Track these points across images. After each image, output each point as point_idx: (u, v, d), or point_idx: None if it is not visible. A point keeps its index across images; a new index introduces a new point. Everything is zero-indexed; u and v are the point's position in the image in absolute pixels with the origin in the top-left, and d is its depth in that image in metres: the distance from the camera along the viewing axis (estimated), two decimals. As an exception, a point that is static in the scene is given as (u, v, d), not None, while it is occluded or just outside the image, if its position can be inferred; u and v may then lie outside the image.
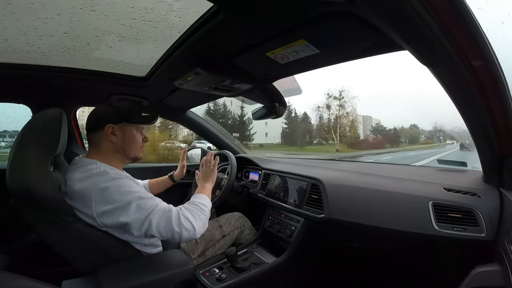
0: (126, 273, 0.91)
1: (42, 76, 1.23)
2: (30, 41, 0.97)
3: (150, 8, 0.78)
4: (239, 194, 1.74)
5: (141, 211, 0.89)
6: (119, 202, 0.88)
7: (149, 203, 0.91)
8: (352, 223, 1.16)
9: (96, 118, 1.00)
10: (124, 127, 1.01)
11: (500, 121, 0.78)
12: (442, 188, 1.08)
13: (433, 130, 39.17)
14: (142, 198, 0.90)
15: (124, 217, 0.88)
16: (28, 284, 0.69)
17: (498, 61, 0.64)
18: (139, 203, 0.89)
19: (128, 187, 0.91)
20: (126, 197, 0.89)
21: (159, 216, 0.89)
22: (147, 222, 0.88)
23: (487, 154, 0.95)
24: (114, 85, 1.39)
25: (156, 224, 0.89)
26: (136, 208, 0.88)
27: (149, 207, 0.90)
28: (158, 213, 0.90)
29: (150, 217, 0.89)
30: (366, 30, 0.70)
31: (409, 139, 36.65)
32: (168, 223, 0.90)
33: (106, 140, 0.99)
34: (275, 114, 1.44)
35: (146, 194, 0.93)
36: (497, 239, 0.87)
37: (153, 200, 0.93)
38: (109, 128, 0.98)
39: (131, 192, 0.90)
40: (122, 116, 1.01)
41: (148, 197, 0.92)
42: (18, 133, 0.98)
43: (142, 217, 0.88)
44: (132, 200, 0.89)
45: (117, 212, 0.88)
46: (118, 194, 0.88)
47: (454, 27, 0.56)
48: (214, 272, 1.23)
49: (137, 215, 0.88)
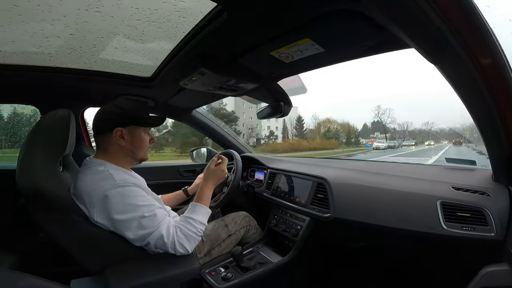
0: (133, 273, 0.92)
1: (49, 77, 1.24)
2: (37, 42, 0.98)
3: (154, 8, 0.78)
4: (245, 193, 1.74)
5: (142, 230, 0.94)
6: (120, 214, 0.91)
7: (151, 223, 0.95)
8: (358, 223, 1.15)
9: (103, 120, 1.01)
10: (132, 130, 1.02)
11: (509, 118, 0.76)
12: (450, 187, 1.06)
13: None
14: (144, 217, 0.93)
15: (126, 232, 0.93)
16: (37, 283, 0.70)
17: (507, 58, 0.63)
18: (141, 221, 0.93)
19: (133, 199, 0.93)
20: (129, 213, 0.92)
21: (156, 240, 0.96)
22: (146, 240, 0.95)
23: (497, 152, 0.93)
24: (120, 86, 1.40)
25: (154, 245, 0.97)
26: (138, 226, 0.93)
27: (150, 228, 0.95)
28: (156, 237, 0.95)
29: (149, 239, 0.95)
30: (371, 28, 0.69)
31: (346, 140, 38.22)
32: (164, 247, 0.97)
33: (114, 144, 1.00)
34: (280, 113, 1.43)
35: (149, 209, 0.95)
36: (507, 239, 0.85)
37: (156, 218, 0.96)
38: (118, 132, 0.99)
39: (135, 207, 0.92)
40: (130, 118, 1.01)
41: (151, 215, 0.95)
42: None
43: (143, 235, 0.94)
44: (135, 218, 0.92)
45: (117, 224, 0.92)
46: (121, 206, 0.91)
47: (461, 25, 0.55)
48: (220, 271, 1.24)
49: (138, 232, 0.93)
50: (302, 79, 1.38)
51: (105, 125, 1.00)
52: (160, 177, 1.98)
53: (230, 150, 1.74)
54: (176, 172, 2.08)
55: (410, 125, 45.18)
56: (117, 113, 1.00)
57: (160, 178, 1.97)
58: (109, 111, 1.01)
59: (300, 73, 1.19)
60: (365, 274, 1.47)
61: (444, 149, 18.16)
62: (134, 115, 1.02)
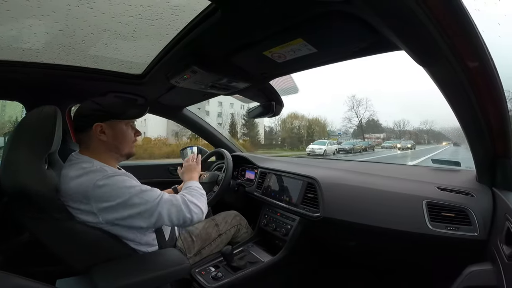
0: (121, 272, 0.90)
1: (36, 74, 1.21)
2: (25, 38, 0.95)
3: (147, 5, 0.77)
4: (235, 192, 1.74)
5: (147, 203, 0.90)
6: (120, 197, 0.88)
7: (153, 195, 0.92)
8: (347, 222, 1.17)
9: (83, 117, 0.98)
10: (113, 124, 1.00)
11: (494, 121, 0.79)
12: (436, 188, 1.09)
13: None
14: (143, 191, 0.92)
15: (130, 211, 0.89)
16: (22, 283, 0.69)
17: (494, 62, 0.65)
18: (142, 195, 0.90)
19: (128, 182, 0.91)
20: (127, 192, 0.89)
21: (168, 207, 0.93)
22: (156, 213, 0.91)
23: (481, 154, 0.97)
24: (110, 83, 1.38)
25: (167, 215, 0.92)
26: (141, 201, 0.90)
27: (155, 199, 0.92)
28: (166, 204, 0.93)
29: (159, 209, 0.91)
30: (363, 30, 0.71)
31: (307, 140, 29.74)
32: (179, 212, 0.94)
33: (96, 139, 0.98)
34: (271, 112, 1.44)
35: (145, 186, 0.94)
36: (490, 238, 0.88)
37: (154, 191, 0.94)
38: (98, 127, 0.97)
39: (131, 187, 0.91)
40: (110, 113, 0.99)
41: (149, 189, 0.94)
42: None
43: (150, 209, 0.91)
44: (134, 194, 0.90)
45: (120, 207, 0.88)
46: (118, 190, 0.89)
47: (451, 28, 0.57)
48: (210, 271, 1.23)
49: (143, 207, 0.90)
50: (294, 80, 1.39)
51: (84, 122, 0.98)
52: (150, 176, 1.95)
53: (221, 149, 1.74)
54: (166, 170, 2.07)
55: (407, 123, 37.38)
56: (95, 108, 0.98)
57: (150, 176, 1.95)
58: (87, 108, 0.99)
59: (293, 73, 1.19)
60: (355, 273, 1.49)
61: (424, 156, 15.31)
62: (112, 109, 1.00)
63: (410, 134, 36.33)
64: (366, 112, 35.66)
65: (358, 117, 35.69)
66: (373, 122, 37.11)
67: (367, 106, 35.90)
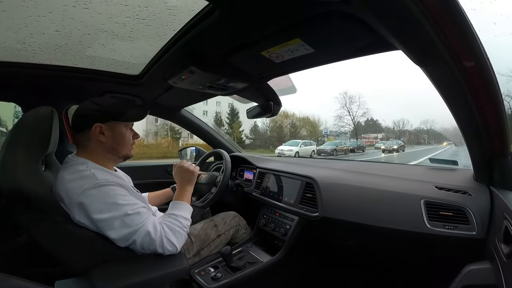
0: (119, 273, 0.90)
1: (33, 74, 1.21)
2: (21, 39, 0.95)
3: (144, 6, 0.77)
4: (234, 193, 1.74)
5: (127, 228, 0.90)
6: (100, 214, 0.87)
7: (135, 221, 0.91)
8: (346, 222, 1.17)
9: (82, 117, 0.97)
10: (112, 126, 0.99)
11: (490, 120, 0.79)
12: (433, 187, 1.09)
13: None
14: (128, 215, 0.90)
15: (108, 231, 0.89)
16: (20, 284, 0.69)
17: (490, 61, 0.65)
18: (124, 219, 0.89)
19: (114, 198, 0.89)
20: (110, 212, 0.88)
21: (142, 238, 0.91)
22: (131, 239, 0.91)
23: (478, 153, 0.97)
24: (107, 84, 1.37)
25: (140, 244, 0.92)
26: (121, 225, 0.89)
27: (135, 225, 0.90)
28: (142, 234, 0.91)
29: (135, 237, 0.91)
30: (361, 30, 0.71)
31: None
32: (151, 245, 0.93)
33: (94, 140, 0.97)
34: (269, 112, 1.44)
35: (132, 208, 0.92)
36: (488, 237, 0.89)
37: (140, 216, 0.92)
38: (97, 128, 0.95)
39: (116, 206, 0.89)
40: (110, 114, 0.98)
41: (135, 213, 0.92)
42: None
43: (127, 234, 0.90)
44: (117, 217, 0.88)
45: (100, 224, 0.88)
46: (103, 205, 0.87)
47: (447, 28, 0.57)
48: (209, 271, 1.23)
49: (122, 231, 0.89)
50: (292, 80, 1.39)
51: (84, 122, 0.96)
52: (148, 177, 1.95)
53: (219, 150, 1.73)
54: (164, 171, 2.06)
55: (406, 123, 35.18)
56: (95, 109, 0.97)
57: (148, 177, 1.94)
58: (87, 108, 0.98)
59: (291, 73, 1.20)
60: (354, 273, 1.50)
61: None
62: (112, 110, 0.99)
63: (410, 134, 34.55)
64: (360, 110, 32.88)
65: (350, 115, 32.90)
66: (372, 122, 35.34)
67: (360, 103, 33.16)
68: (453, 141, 18.48)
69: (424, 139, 35.07)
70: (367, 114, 33.31)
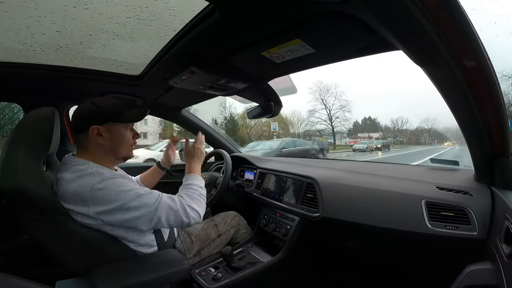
0: (120, 273, 0.90)
1: (34, 75, 1.21)
2: (22, 39, 0.95)
3: (145, 6, 0.77)
4: (235, 193, 1.74)
5: (146, 207, 0.90)
6: (118, 201, 0.87)
7: (151, 198, 0.92)
8: (346, 222, 1.17)
9: (80, 118, 0.97)
10: (110, 127, 0.97)
11: (492, 120, 0.79)
12: (434, 187, 1.09)
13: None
14: (141, 195, 0.91)
15: (128, 215, 0.89)
16: (21, 284, 0.69)
17: (491, 61, 0.65)
18: (140, 199, 0.90)
19: (125, 186, 0.91)
20: (125, 196, 0.88)
21: (166, 211, 0.92)
22: (155, 218, 0.91)
23: (479, 153, 0.97)
24: (108, 84, 1.37)
25: (166, 219, 0.92)
26: (139, 205, 0.89)
27: (153, 203, 0.91)
28: (164, 208, 0.92)
29: (158, 213, 0.91)
30: (361, 30, 0.71)
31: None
32: (177, 217, 0.93)
33: (93, 141, 0.96)
34: (270, 113, 1.44)
35: (143, 189, 0.93)
36: (489, 237, 0.88)
37: (153, 194, 0.93)
38: (94, 130, 0.95)
39: (129, 190, 0.90)
40: (107, 115, 0.97)
41: (147, 192, 0.93)
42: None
43: (149, 214, 0.90)
44: (132, 198, 0.89)
45: (118, 211, 0.88)
46: (116, 193, 0.88)
47: (448, 28, 0.57)
48: (210, 272, 1.23)
49: (141, 211, 0.89)
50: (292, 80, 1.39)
51: (82, 123, 0.96)
52: None
53: (220, 150, 1.74)
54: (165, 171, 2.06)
55: (405, 121, 33.17)
56: (92, 110, 0.96)
57: None
58: (85, 109, 0.97)
59: (291, 73, 1.19)
60: (354, 273, 1.49)
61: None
62: (110, 111, 0.97)
63: (410, 134, 33.16)
64: (337, 101, 28.48)
65: (327, 109, 28.68)
66: (370, 121, 34.38)
67: (336, 93, 28.77)
68: (455, 142, 17.50)
69: (425, 138, 33.87)
70: (346, 107, 28.88)
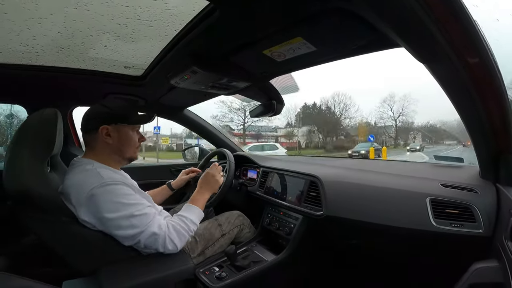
0: (126, 273, 0.91)
1: (36, 76, 1.22)
2: (23, 41, 0.95)
3: (145, 7, 0.77)
4: (238, 192, 1.74)
5: (133, 228, 0.92)
6: (109, 213, 0.89)
7: (142, 222, 0.93)
8: (350, 220, 1.16)
9: (90, 119, 1.00)
10: (119, 128, 1.02)
11: (496, 117, 0.78)
12: (439, 184, 1.08)
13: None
14: (134, 216, 0.92)
15: (115, 231, 0.91)
16: (29, 284, 0.70)
17: (494, 57, 0.64)
18: (131, 220, 0.92)
19: (121, 197, 0.92)
20: (118, 212, 0.90)
21: (147, 238, 0.94)
22: (137, 239, 0.93)
23: (484, 150, 0.96)
24: (110, 85, 1.38)
25: (144, 243, 0.95)
26: (128, 225, 0.91)
27: (141, 226, 0.93)
28: (148, 235, 0.94)
29: (140, 237, 0.93)
30: (362, 28, 0.70)
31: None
32: (154, 245, 0.96)
33: (101, 141, 0.99)
34: (272, 111, 1.43)
35: (138, 208, 0.94)
36: (495, 235, 0.88)
37: (146, 217, 0.95)
38: (104, 130, 0.98)
39: (123, 205, 0.91)
40: (117, 116, 1.01)
41: (141, 214, 0.94)
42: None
43: (134, 234, 0.92)
44: (124, 217, 0.91)
45: (107, 223, 0.90)
46: (109, 204, 0.89)
47: (449, 24, 0.56)
48: (214, 271, 1.23)
49: (128, 231, 0.92)
50: (294, 78, 1.39)
51: (92, 123, 1.00)
52: (153, 177, 1.96)
53: (223, 149, 1.73)
54: (168, 171, 2.07)
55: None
56: (103, 111, 1.01)
57: (152, 177, 1.95)
58: (96, 111, 1.02)
59: (293, 72, 1.19)
60: (358, 271, 1.49)
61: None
62: (120, 113, 1.02)
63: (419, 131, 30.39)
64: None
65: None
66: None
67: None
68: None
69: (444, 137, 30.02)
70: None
